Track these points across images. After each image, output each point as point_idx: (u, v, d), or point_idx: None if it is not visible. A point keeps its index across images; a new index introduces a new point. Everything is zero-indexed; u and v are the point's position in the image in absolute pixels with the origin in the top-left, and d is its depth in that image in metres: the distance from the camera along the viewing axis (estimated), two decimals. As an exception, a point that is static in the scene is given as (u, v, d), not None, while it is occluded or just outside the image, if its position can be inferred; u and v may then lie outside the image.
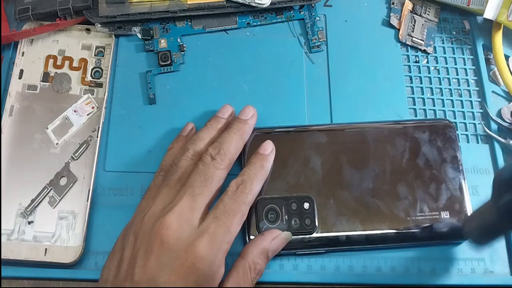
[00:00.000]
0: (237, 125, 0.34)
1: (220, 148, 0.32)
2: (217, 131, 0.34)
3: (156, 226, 0.28)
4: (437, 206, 0.34)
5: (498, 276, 0.34)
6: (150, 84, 0.38)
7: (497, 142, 0.38)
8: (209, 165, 0.31)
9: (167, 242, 0.27)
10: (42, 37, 0.39)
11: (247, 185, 0.31)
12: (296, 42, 0.41)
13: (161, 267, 0.27)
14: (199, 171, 0.31)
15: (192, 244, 0.27)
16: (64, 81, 0.38)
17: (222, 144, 0.32)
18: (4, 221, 0.33)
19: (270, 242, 0.32)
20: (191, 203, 0.29)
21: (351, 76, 0.40)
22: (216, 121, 0.35)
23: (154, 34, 0.39)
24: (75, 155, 0.35)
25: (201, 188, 0.30)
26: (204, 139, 0.33)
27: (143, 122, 0.37)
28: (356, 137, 0.36)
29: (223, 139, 0.33)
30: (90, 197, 0.34)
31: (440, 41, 0.42)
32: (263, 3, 0.39)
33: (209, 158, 0.31)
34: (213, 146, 0.32)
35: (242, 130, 0.34)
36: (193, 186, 0.30)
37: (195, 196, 0.29)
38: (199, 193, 0.30)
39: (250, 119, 0.35)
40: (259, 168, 0.32)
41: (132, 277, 0.27)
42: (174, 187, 0.31)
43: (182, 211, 0.29)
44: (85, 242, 0.33)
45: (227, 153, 0.32)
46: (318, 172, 0.35)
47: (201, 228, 0.28)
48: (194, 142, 0.33)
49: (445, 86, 0.40)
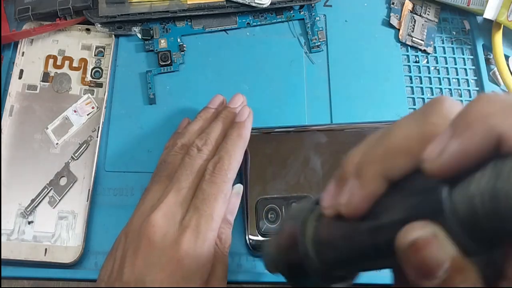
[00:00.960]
0: (225, 113, 0.33)
1: (207, 139, 0.31)
2: (206, 122, 0.34)
3: (143, 225, 0.28)
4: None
5: (498, 276, 0.34)
6: (150, 84, 0.38)
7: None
8: (195, 157, 0.30)
9: (154, 240, 0.27)
10: (42, 37, 0.39)
11: (224, 162, 0.30)
12: (296, 42, 0.41)
13: (148, 266, 0.26)
14: (185, 165, 0.30)
15: (177, 240, 0.27)
16: (64, 81, 0.38)
17: (208, 134, 0.32)
18: (4, 221, 0.33)
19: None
20: (176, 198, 0.29)
21: (351, 76, 0.40)
22: (205, 112, 0.34)
23: (154, 34, 0.39)
24: (75, 155, 0.35)
25: (187, 181, 0.29)
26: (191, 131, 0.33)
27: (143, 122, 0.37)
28: (356, 137, 0.36)
29: (210, 129, 0.32)
30: (90, 197, 0.34)
31: (440, 41, 0.42)
32: (263, 3, 0.39)
33: (195, 150, 0.31)
34: (200, 137, 0.32)
35: (230, 118, 0.33)
36: (179, 181, 0.29)
37: (181, 191, 0.29)
38: (186, 186, 0.29)
39: (240, 108, 0.34)
40: (236, 138, 0.31)
41: (121, 277, 0.27)
42: (163, 183, 0.30)
43: (168, 207, 0.28)
44: (85, 242, 0.33)
45: (214, 143, 0.31)
46: (318, 172, 0.35)
47: (183, 223, 0.28)
48: (183, 136, 0.33)
49: (445, 86, 0.40)
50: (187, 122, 0.36)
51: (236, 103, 0.34)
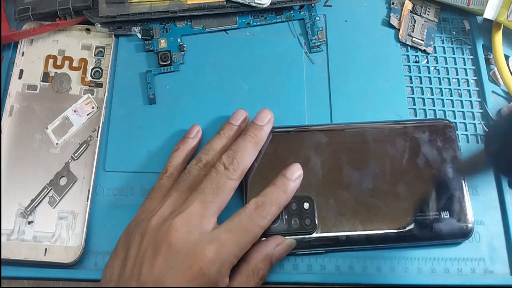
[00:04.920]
0: (253, 131, 0.33)
1: (234, 158, 0.32)
2: (229, 140, 0.34)
3: (164, 227, 0.28)
4: (437, 206, 0.34)
5: (498, 276, 0.34)
6: (150, 84, 0.38)
7: (497, 142, 0.38)
8: (222, 174, 0.31)
9: (175, 244, 0.27)
10: (42, 37, 0.39)
11: (266, 208, 0.31)
12: (296, 42, 0.41)
13: (168, 269, 0.27)
14: (211, 179, 0.31)
15: (202, 248, 0.27)
16: (64, 81, 0.38)
17: (236, 153, 0.32)
18: (4, 221, 0.33)
19: (274, 248, 0.31)
20: (201, 210, 0.29)
21: (351, 76, 0.40)
22: (229, 129, 0.34)
23: (154, 34, 0.39)
24: (75, 155, 0.35)
25: (212, 196, 0.30)
26: (215, 149, 0.33)
27: (143, 122, 0.37)
28: (356, 137, 0.36)
29: (237, 147, 0.32)
30: (90, 197, 0.34)
31: (440, 41, 0.42)
32: (263, 3, 0.39)
33: (222, 167, 0.31)
34: (227, 155, 0.32)
35: (257, 137, 0.33)
36: (204, 193, 0.30)
37: (205, 203, 0.29)
38: (210, 200, 0.30)
39: (266, 125, 0.34)
40: (282, 193, 0.32)
41: (139, 277, 0.27)
42: (184, 193, 0.31)
43: (192, 216, 0.29)
44: (85, 242, 0.33)
45: (241, 163, 0.32)
46: (318, 172, 0.35)
47: (212, 235, 0.28)
48: (207, 153, 0.33)
49: (445, 86, 0.40)
50: (197, 129, 0.36)
51: (263, 120, 0.34)
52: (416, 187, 0.35)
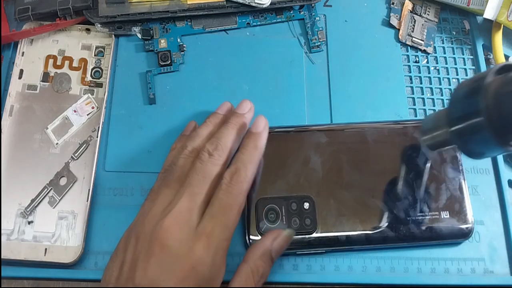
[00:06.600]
0: (234, 119, 0.33)
1: (218, 144, 0.31)
2: (215, 127, 0.34)
3: (156, 229, 0.28)
4: (437, 206, 0.34)
5: (498, 276, 0.34)
6: (150, 84, 0.38)
7: (497, 142, 0.38)
8: (207, 162, 0.31)
9: (167, 245, 0.27)
10: (42, 37, 0.39)
11: (241, 173, 0.30)
12: (296, 42, 0.41)
13: (162, 271, 0.27)
14: (196, 169, 0.30)
15: (191, 247, 0.27)
16: (64, 81, 0.38)
17: (219, 139, 0.32)
18: (4, 221, 0.33)
19: (271, 242, 0.31)
20: (190, 203, 0.29)
21: (351, 76, 0.40)
22: (214, 117, 0.35)
23: (154, 34, 0.39)
24: (75, 155, 0.35)
25: (199, 187, 0.30)
26: (201, 135, 0.33)
27: (143, 122, 0.37)
28: (356, 137, 0.36)
29: (220, 134, 0.32)
30: (90, 197, 0.34)
31: (440, 41, 0.42)
32: (263, 3, 0.39)
33: (206, 155, 0.31)
34: (210, 142, 0.32)
35: (239, 124, 0.33)
36: (191, 185, 0.30)
37: (193, 196, 0.29)
38: (198, 192, 0.29)
39: (247, 113, 0.34)
40: (252, 149, 0.32)
41: (133, 280, 0.27)
42: (173, 187, 0.31)
43: (181, 212, 0.28)
44: (85, 242, 0.33)
45: (225, 148, 0.31)
46: (318, 172, 0.35)
47: (198, 230, 0.28)
48: (192, 139, 0.33)
49: (445, 86, 0.40)
50: (194, 125, 0.36)
51: (244, 109, 0.34)
52: (416, 187, 0.35)
